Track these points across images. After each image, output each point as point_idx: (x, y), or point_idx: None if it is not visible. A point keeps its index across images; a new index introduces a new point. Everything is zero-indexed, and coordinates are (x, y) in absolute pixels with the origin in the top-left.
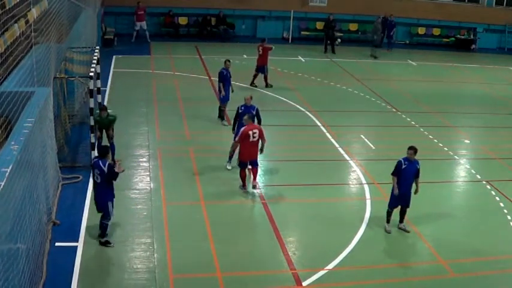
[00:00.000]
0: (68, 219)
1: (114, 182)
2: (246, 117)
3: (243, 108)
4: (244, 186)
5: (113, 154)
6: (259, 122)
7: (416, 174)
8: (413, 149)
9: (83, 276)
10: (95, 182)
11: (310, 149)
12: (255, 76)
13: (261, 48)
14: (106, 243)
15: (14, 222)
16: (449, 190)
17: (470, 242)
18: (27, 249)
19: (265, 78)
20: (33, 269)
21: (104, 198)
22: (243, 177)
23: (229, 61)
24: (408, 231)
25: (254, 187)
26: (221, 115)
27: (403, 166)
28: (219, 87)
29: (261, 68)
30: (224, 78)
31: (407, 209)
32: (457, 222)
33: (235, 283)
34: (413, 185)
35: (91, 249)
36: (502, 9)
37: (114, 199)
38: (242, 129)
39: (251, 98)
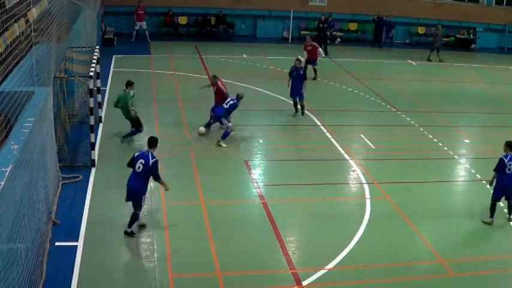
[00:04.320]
0: (68, 219)
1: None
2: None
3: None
4: None
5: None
6: None
7: None
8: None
9: (83, 276)
10: (133, 172)
11: (310, 149)
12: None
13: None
14: (131, 234)
15: (14, 221)
16: (449, 190)
17: (470, 242)
18: (26, 249)
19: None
20: (32, 268)
21: (140, 189)
22: None
23: (297, 60)
24: None
25: None
26: (295, 108)
27: (507, 162)
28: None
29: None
30: (290, 75)
31: None
32: (457, 222)
33: (235, 283)
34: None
35: (91, 249)
36: (501, 9)
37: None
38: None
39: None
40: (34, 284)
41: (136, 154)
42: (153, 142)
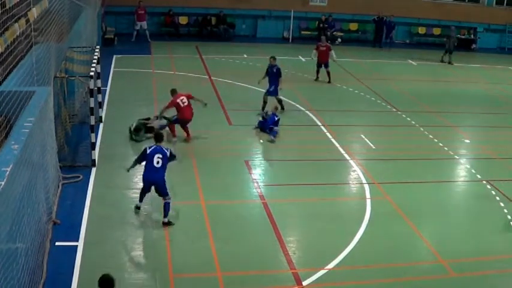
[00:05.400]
0: (68, 219)
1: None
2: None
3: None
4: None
5: None
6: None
7: None
8: None
9: (83, 276)
10: (152, 167)
11: (310, 149)
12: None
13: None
14: (169, 223)
15: (14, 221)
16: (449, 190)
17: (470, 242)
18: (26, 249)
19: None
20: (33, 268)
21: (163, 179)
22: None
23: (272, 58)
24: None
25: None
26: (280, 105)
27: None
28: None
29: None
30: (268, 73)
31: None
32: (457, 222)
33: (235, 283)
34: None
35: (91, 249)
36: (502, 9)
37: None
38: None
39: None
40: (34, 283)
41: (148, 151)
42: (160, 137)
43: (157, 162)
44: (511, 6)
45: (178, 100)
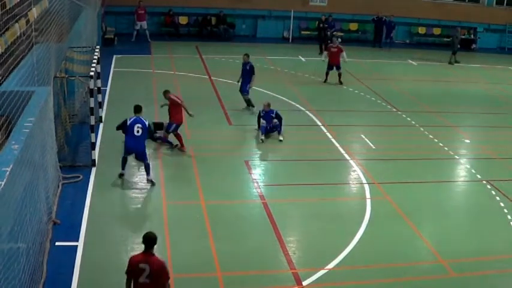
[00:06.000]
0: (68, 219)
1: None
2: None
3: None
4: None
5: None
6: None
7: None
8: None
9: (83, 276)
10: (133, 136)
11: (310, 149)
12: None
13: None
14: (152, 182)
15: (15, 221)
16: (449, 190)
17: (470, 242)
18: (27, 249)
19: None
20: (33, 268)
21: (144, 148)
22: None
23: (246, 55)
24: None
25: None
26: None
27: None
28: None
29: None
30: (242, 70)
31: None
32: (457, 222)
33: (235, 283)
34: None
35: (91, 249)
36: (502, 9)
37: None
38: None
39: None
40: (35, 283)
41: (128, 122)
42: (139, 108)
43: (138, 131)
44: (511, 6)
45: (177, 96)
